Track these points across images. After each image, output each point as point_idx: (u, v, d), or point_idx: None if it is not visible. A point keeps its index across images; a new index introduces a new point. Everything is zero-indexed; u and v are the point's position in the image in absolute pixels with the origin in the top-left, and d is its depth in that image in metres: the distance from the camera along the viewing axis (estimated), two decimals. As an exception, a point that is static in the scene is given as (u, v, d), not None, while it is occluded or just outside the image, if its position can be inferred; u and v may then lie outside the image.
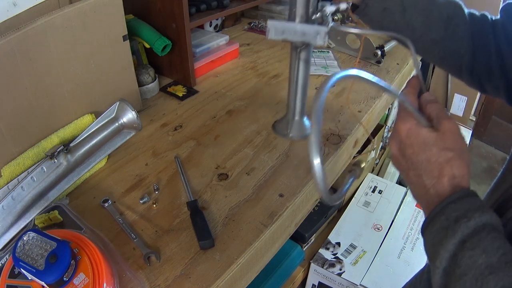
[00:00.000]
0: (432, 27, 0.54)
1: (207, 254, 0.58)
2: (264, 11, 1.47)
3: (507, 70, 0.53)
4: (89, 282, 0.48)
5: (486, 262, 0.35)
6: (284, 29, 0.54)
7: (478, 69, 0.56)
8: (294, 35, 0.54)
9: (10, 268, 0.49)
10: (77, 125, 0.74)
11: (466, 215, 0.38)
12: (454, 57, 0.56)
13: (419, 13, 0.54)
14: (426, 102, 0.48)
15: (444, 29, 0.54)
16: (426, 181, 0.43)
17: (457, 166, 0.42)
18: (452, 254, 0.37)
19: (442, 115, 0.45)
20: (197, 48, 1.07)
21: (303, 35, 0.54)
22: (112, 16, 0.75)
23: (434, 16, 0.54)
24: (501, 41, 0.53)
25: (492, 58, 0.54)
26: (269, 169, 0.75)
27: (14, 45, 0.60)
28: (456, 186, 0.41)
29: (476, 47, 0.55)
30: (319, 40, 0.53)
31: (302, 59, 0.61)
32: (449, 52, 0.56)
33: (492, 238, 0.37)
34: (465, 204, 0.39)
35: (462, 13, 0.55)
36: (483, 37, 0.54)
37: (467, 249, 0.36)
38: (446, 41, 0.55)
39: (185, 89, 1.01)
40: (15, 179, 0.64)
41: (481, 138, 2.56)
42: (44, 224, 0.61)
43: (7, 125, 0.64)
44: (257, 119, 0.89)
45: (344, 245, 1.23)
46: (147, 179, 0.72)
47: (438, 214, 0.40)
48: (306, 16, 0.55)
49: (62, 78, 0.71)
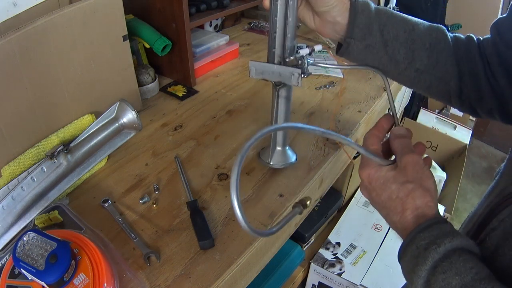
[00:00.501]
0: (415, 57, 0.54)
1: (207, 254, 0.58)
2: (264, 11, 1.47)
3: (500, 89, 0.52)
4: (89, 282, 0.48)
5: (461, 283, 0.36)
6: (263, 70, 0.59)
7: (467, 93, 0.55)
8: (271, 75, 0.59)
9: (10, 268, 0.49)
10: (77, 125, 0.74)
11: (435, 242, 0.39)
12: (440, 85, 0.56)
13: (401, 46, 0.54)
14: (394, 137, 0.49)
15: (427, 58, 0.54)
16: (393, 218, 0.45)
17: (418, 196, 0.43)
18: (425, 280, 0.39)
19: (405, 150, 0.47)
20: (197, 48, 1.07)
21: (279, 76, 0.58)
22: (112, 16, 0.75)
23: (417, 46, 0.53)
24: (492, 60, 0.52)
25: (481, 80, 0.53)
26: (269, 169, 0.75)
27: (14, 45, 0.60)
28: (419, 216, 0.43)
29: (462, 71, 0.54)
30: (293, 81, 0.57)
31: (282, 96, 0.64)
32: (435, 81, 0.56)
33: (463, 260, 0.38)
34: (433, 231, 0.40)
35: (445, 39, 0.54)
36: (469, 60, 0.53)
37: (439, 273, 0.38)
38: (431, 69, 0.54)
39: (185, 89, 1.01)
40: (15, 179, 0.64)
41: (481, 138, 2.56)
42: (44, 224, 0.61)
43: (7, 125, 0.64)
44: (257, 119, 0.89)
45: (344, 245, 1.23)
46: (147, 179, 0.72)
47: (409, 245, 0.42)
48: (283, 57, 0.59)
49: (62, 78, 0.71)
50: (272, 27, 0.57)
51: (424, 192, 0.43)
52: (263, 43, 1.30)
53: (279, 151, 0.71)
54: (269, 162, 0.71)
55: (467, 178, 2.28)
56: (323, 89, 1.02)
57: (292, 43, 0.58)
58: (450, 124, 2.02)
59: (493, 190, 0.50)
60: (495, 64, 0.52)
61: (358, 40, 0.54)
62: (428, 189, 0.44)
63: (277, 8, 0.55)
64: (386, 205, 0.46)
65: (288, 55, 0.58)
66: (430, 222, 0.41)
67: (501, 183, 0.49)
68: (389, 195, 0.45)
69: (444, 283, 0.37)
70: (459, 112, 2.34)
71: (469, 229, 0.51)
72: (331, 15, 0.53)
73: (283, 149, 0.71)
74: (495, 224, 0.44)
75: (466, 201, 2.17)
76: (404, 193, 0.44)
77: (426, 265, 0.39)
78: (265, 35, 1.36)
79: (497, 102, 0.53)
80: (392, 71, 0.56)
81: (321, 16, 0.54)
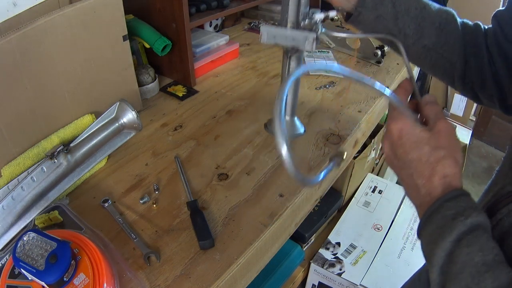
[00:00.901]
0: (424, 34, 0.55)
1: (207, 254, 0.58)
2: (264, 11, 1.47)
3: (500, 78, 0.53)
4: (89, 282, 0.48)
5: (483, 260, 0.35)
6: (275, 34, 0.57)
7: (470, 77, 0.56)
8: (284, 40, 0.57)
9: (10, 268, 0.49)
10: (77, 125, 0.74)
11: (463, 213, 0.38)
12: (446, 65, 0.57)
13: (411, 20, 0.54)
14: (426, 103, 0.48)
15: (436, 36, 0.54)
16: (417, 181, 0.43)
17: (449, 164, 0.41)
18: (448, 252, 0.37)
19: (439, 116, 0.45)
20: (197, 48, 1.07)
21: (293, 40, 0.57)
22: (112, 16, 0.75)
23: (426, 24, 0.54)
24: (493, 50, 0.53)
25: (485, 67, 0.54)
26: (269, 169, 0.75)
27: (14, 45, 0.60)
28: (447, 185, 0.41)
29: (468, 56, 0.55)
30: (307, 46, 0.56)
31: (293, 62, 0.63)
32: (441, 60, 0.56)
33: (487, 238, 0.37)
34: (461, 202, 0.39)
35: (455, 22, 0.55)
36: (475, 46, 0.54)
37: (464, 246, 0.36)
38: (438, 48, 0.55)
39: (185, 89, 1.01)
40: (15, 179, 0.64)
41: (481, 138, 2.56)
42: (44, 224, 0.61)
43: (7, 125, 0.64)
44: (257, 119, 0.89)
45: (344, 245, 1.23)
46: (147, 179, 0.72)
47: (434, 213, 0.40)
48: (296, 22, 0.57)
49: (62, 78, 0.70)
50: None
51: (454, 162, 0.42)
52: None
53: (287, 121, 0.69)
54: None
55: (467, 178, 2.28)
56: (323, 89, 1.02)
57: (306, 8, 0.57)
58: (450, 124, 2.02)
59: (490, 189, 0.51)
60: (495, 54, 0.52)
61: (369, 10, 0.55)
62: (458, 161, 0.42)
63: None
64: (412, 164, 0.44)
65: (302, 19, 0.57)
66: (457, 193, 0.40)
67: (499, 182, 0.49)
68: (419, 155, 0.43)
69: (467, 258, 0.36)
70: (459, 112, 2.34)
71: None
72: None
73: (291, 118, 0.69)
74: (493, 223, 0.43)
75: (466, 201, 2.16)
76: (435, 158, 0.42)
77: (451, 236, 0.37)
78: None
79: (497, 90, 0.54)
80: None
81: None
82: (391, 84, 1.07)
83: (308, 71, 0.48)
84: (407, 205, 1.37)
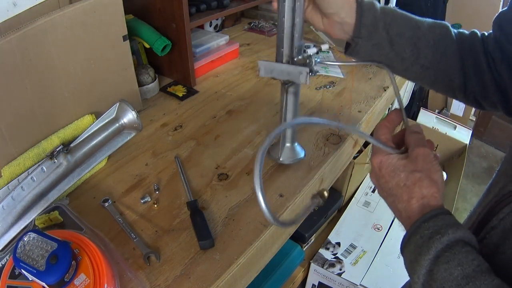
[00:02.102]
0: (420, 54, 0.55)
1: (207, 254, 0.58)
2: (264, 11, 1.47)
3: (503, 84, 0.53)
4: (90, 282, 0.48)
5: (462, 274, 0.37)
6: (272, 69, 0.61)
7: (471, 87, 0.56)
8: (281, 74, 0.61)
9: (11, 269, 0.49)
10: (78, 125, 0.74)
11: (439, 232, 0.40)
12: (445, 79, 0.57)
13: (406, 43, 0.55)
14: (410, 132, 0.50)
15: (432, 54, 0.55)
16: (398, 205, 0.46)
17: (425, 185, 0.44)
18: (428, 270, 0.39)
19: (418, 143, 0.48)
20: (197, 48, 1.07)
21: (288, 75, 0.60)
22: (112, 16, 0.75)
23: (421, 44, 0.55)
24: (495, 55, 0.52)
25: (485, 74, 0.54)
26: (269, 169, 0.75)
27: (14, 45, 0.60)
28: (425, 206, 0.43)
29: (466, 66, 0.55)
30: (302, 79, 0.59)
31: (290, 93, 0.66)
32: (440, 75, 0.57)
33: (466, 252, 0.38)
34: (438, 221, 0.41)
35: (449, 35, 0.55)
36: (473, 55, 0.55)
37: (442, 263, 0.38)
38: (435, 65, 0.56)
39: (185, 89, 1.01)
40: (15, 180, 0.64)
41: (481, 138, 2.56)
42: (45, 224, 0.61)
43: (7, 125, 0.64)
44: (257, 119, 0.89)
45: (344, 245, 1.23)
46: (147, 179, 0.72)
47: (413, 234, 0.42)
48: (291, 56, 0.60)
49: (62, 78, 0.71)
50: (280, 27, 0.58)
51: (431, 183, 0.44)
52: (263, 43, 1.30)
53: (288, 147, 0.72)
54: (279, 158, 0.72)
55: (467, 178, 2.28)
56: (323, 89, 1.02)
57: (300, 43, 0.60)
58: (450, 124, 2.02)
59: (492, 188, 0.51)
60: (498, 59, 0.52)
61: (365, 39, 0.56)
62: (436, 181, 0.44)
63: (284, 9, 0.56)
64: (393, 192, 0.47)
65: (296, 54, 0.60)
66: (435, 212, 0.42)
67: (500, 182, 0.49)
68: (397, 182, 0.46)
69: (446, 274, 0.37)
70: (459, 112, 2.34)
71: (468, 227, 0.51)
72: (339, 16, 0.55)
73: (292, 145, 0.73)
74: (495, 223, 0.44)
75: (466, 201, 2.17)
76: (412, 181, 0.44)
77: (429, 255, 0.39)
78: (265, 35, 1.36)
79: (501, 97, 0.54)
80: (399, 67, 0.58)
81: (329, 18, 0.56)
82: (391, 84, 1.07)
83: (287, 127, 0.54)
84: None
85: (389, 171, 0.48)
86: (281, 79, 0.62)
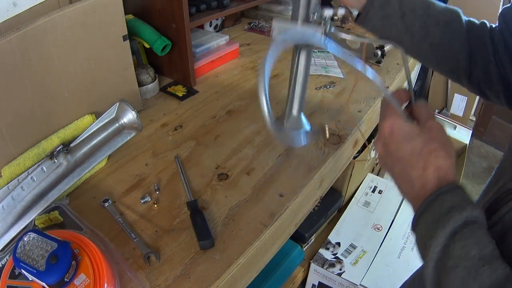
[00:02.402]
0: (429, 32, 0.56)
1: (207, 254, 0.58)
2: (264, 11, 1.47)
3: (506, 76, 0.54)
4: (90, 282, 0.48)
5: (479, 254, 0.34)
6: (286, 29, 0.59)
7: (476, 74, 0.57)
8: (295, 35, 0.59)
9: (11, 269, 0.49)
10: (78, 125, 0.74)
11: (458, 207, 0.37)
12: (451, 62, 0.58)
13: (417, 19, 0.56)
14: (420, 105, 0.48)
15: (440, 34, 0.56)
16: (411, 174, 0.42)
17: (443, 156, 0.41)
18: (443, 246, 0.36)
19: (430, 116, 0.46)
20: (197, 48, 1.07)
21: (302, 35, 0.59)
22: (112, 16, 0.75)
23: (431, 22, 0.56)
24: (500, 47, 0.54)
25: (490, 64, 0.55)
26: (269, 169, 0.75)
27: (14, 45, 0.60)
28: (441, 178, 0.40)
29: (473, 53, 0.56)
30: (316, 40, 0.57)
31: (303, 58, 0.64)
32: (446, 57, 0.58)
33: (483, 232, 0.36)
34: (456, 196, 0.39)
35: (459, 20, 0.57)
36: (481, 43, 0.55)
37: (459, 240, 0.36)
38: (443, 45, 0.57)
39: (185, 89, 1.01)
40: (15, 180, 0.64)
41: (481, 138, 2.56)
42: (45, 224, 0.61)
43: (7, 125, 0.64)
44: (257, 119, 0.89)
45: (344, 245, 1.23)
46: (147, 179, 0.72)
47: (429, 206, 0.39)
48: (307, 18, 0.59)
49: (62, 78, 0.70)
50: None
51: (448, 155, 0.41)
52: (263, 43, 1.30)
53: (294, 117, 0.71)
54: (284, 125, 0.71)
55: (467, 178, 2.28)
56: (323, 89, 1.02)
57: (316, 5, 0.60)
58: (450, 124, 2.02)
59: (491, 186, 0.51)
60: (502, 51, 0.53)
61: (377, 9, 0.57)
62: (451, 155, 0.42)
63: None
64: (405, 158, 0.43)
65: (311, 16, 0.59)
66: (452, 186, 0.39)
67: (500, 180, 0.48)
68: (412, 148, 0.42)
69: (463, 252, 0.35)
70: (459, 112, 2.34)
71: None
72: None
73: (298, 115, 0.71)
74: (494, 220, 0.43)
75: (466, 201, 2.16)
76: (428, 150, 0.41)
77: (446, 229, 0.36)
78: (265, 35, 1.36)
79: (503, 88, 0.55)
80: (407, 43, 0.58)
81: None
82: (391, 84, 1.08)
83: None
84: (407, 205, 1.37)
85: (403, 136, 0.44)
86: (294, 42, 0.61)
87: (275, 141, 0.60)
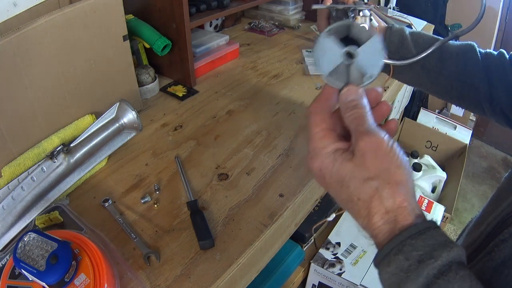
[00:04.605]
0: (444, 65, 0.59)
1: (207, 254, 0.58)
2: (264, 11, 1.47)
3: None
4: (90, 282, 0.48)
5: None
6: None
7: (498, 99, 0.57)
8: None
9: (11, 269, 0.49)
10: (78, 125, 0.74)
11: (432, 255, 0.31)
12: (471, 91, 0.60)
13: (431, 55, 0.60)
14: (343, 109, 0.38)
15: (456, 65, 0.59)
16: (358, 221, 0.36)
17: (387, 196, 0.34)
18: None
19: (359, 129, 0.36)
20: (197, 48, 1.07)
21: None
22: (112, 16, 0.75)
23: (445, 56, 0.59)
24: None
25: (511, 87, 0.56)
26: (269, 169, 0.75)
27: (14, 45, 0.60)
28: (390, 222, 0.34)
29: (491, 79, 0.57)
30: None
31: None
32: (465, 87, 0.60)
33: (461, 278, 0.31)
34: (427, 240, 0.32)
35: (473, 50, 0.59)
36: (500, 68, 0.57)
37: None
38: (459, 75, 0.59)
39: (185, 89, 1.01)
40: (16, 180, 0.64)
41: (481, 138, 2.56)
42: (45, 224, 0.61)
43: (7, 125, 0.64)
44: (257, 119, 0.89)
45: (344, 245, 1.23)
46: (147, 179, 0.72)
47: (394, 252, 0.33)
48: None
49: (62, 78, 0.70)
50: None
51: (393, 189, 0.34)
52: (263, 43, 1.30)
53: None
54: None
55: (467, 178, 2.28)
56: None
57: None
58: (450, 124, 2.02)
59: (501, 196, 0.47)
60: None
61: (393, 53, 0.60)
62: (399, 182, 0.34)
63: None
64: (347, 206, 0.37)
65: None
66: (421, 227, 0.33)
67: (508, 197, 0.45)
68: (348, 196, 0.35)
69: None
70: (459, 112, 2.34)
71: (476, 237, 0.47)
72: None
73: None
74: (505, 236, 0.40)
75: (466, 201, 2.17)
76: (368, 195, 0.34)
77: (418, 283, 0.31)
78: (265, 35, 1.36)
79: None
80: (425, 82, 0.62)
81: None
82: (391, 84, 1.07)
83: None
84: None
85: (335, 181, 0.36)
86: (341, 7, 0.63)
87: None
